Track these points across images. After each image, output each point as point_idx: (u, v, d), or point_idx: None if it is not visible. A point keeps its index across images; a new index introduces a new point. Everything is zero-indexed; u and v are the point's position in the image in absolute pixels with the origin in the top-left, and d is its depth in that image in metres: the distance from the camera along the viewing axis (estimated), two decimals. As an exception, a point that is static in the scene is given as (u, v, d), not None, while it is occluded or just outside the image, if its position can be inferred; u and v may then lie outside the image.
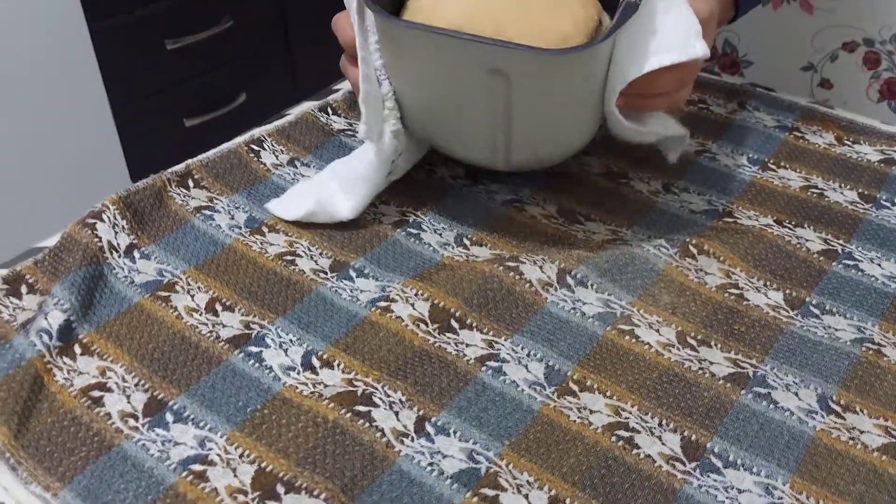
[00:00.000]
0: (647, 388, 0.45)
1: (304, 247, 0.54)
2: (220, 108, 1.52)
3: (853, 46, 0.79)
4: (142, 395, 0.43)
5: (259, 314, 0.49)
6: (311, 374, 0.45)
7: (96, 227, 0.51)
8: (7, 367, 0.43)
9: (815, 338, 0.49)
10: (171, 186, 0.57)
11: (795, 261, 0.54)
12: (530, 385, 0.45)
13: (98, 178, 1.36)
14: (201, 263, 0.52)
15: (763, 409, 0.44)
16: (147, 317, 0.48)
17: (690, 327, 0.49)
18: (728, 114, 0.69)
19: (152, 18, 1.34)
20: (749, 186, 0.61)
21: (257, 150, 0.62)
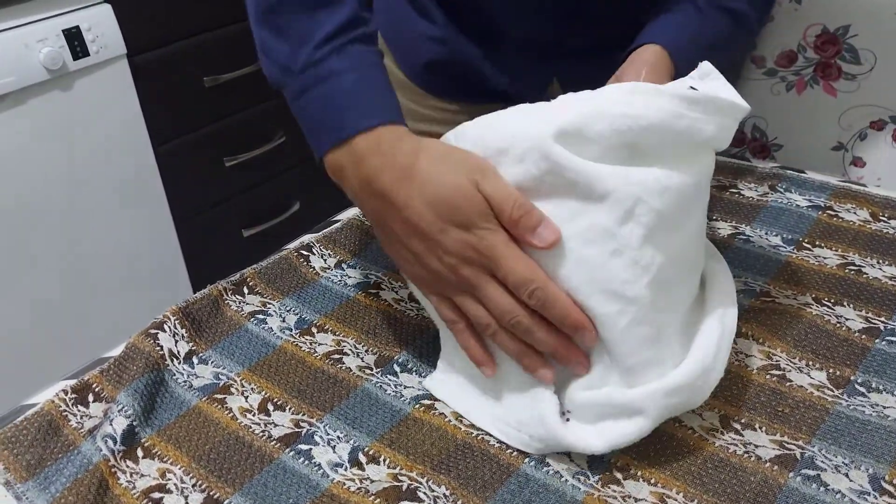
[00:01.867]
0: (692, 474, 0.45)
1: (350, 345, 0.56)
2: (275, 217, 1.60)
3: (881, 125, 0.80)
4: (198, 496, 0.45)
5: (308, 412, 0.51)
6: (357, 470, 0.46)
7: (158, 336, 0.55)
8: (76, 471, 0.46)
9: (864, 417, 0.48)
10: (227, 294, 0.61)
11: (837, 339, 0.54)
12: (574, 475, 0.45)
13: (162, 289, 1.43)
14: (254, 365, 0.55)
15: (813, 493, 0.43)
16: (204, 419, 0.50)
17: (734, 411, 0.49)
18: (760, 196, 0.70)
19: (211, 138, 1.44)
20: (785, 266, 0.62)
21: (307, 255, 0.65)
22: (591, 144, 0.45)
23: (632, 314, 0.45)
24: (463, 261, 0.46)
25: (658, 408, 0.45)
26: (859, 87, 0.81)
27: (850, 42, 0.81)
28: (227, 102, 1.44)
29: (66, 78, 1.18)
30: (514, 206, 0.44)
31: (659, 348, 0.46)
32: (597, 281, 0.45)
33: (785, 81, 0.86)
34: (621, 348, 0.45)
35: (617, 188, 0.44)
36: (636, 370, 0.45)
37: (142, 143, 1.32)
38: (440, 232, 0.46)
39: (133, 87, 1.28)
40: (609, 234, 0.44)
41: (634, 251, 0.44)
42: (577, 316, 0.45)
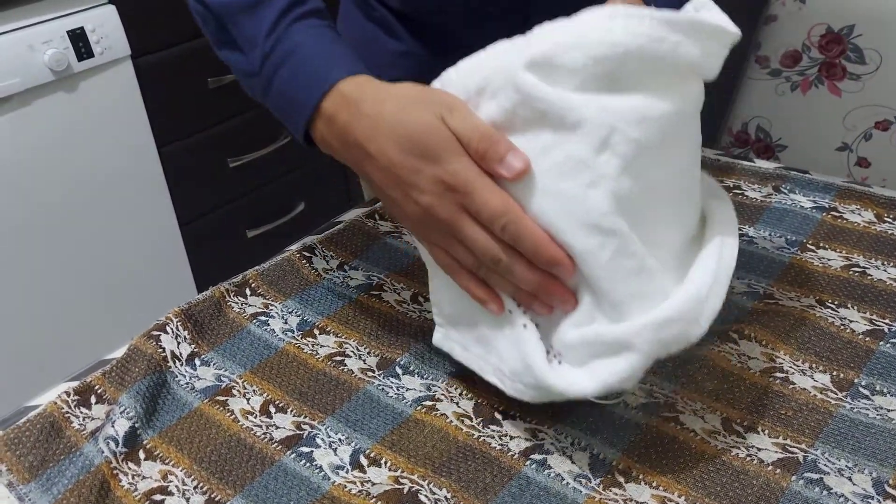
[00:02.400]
0: (693, 477, 0.45)
1: (352, 347, 0.56)
2: (279, 218, 1.60)
3: (886, 125, 0.80)
4: (200, 498, 0.45)
5: (309, 414, 0.51)
6: (358, 473, 0.46)
7: (160, 338, 0.55)
8: (78, 473, 0.46)
9: (867, 420, 0.48)
10: (230, 296, 0.61)
11: (840, 342, 0.54)
12: (575, 478, 0.45)
13: (166, 290, 1.44)
14: (256, 367, 0.55)
15: (816, 496, 0.43)
16: (206, 421, 0.50)
17: (736, 413, 0.49)
18: (763, 198, 0.70)
19: (215, 139, 1.44)
20: (789, 268, 0.61)
21: (309, 256, 0.65)
22: (568, 75, 0.43)
23: (614, 246, 0.43)
24: (438, 200, 0.45)
25: (648, 342, 0.43)
26: (864, 87, 0.81)
27: (855, 42, 0.80)
28: (231, 104, 1.45)
29: (71, 79, 1.19)
30: (481, 137, 0.44)
31: (645, 281, 0.44)
32: (574, 214, 0.43)
33: (789, 82, 0.85)
34: (606, 283, 0.43)
35: (590, 117, 0.42)
36: (623, 304, 0.43)
37: (146, 144, 1.33)
38: (414, 173, 0.45)
39: (137, 89, 1.28)
40: (584, 165, 0.43)
41: (612, 181, 0.42)
42: (552, 250, 0.43)
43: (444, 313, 0.52)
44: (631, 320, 0.43)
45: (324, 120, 0.49)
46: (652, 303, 0.44)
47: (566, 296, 0.45)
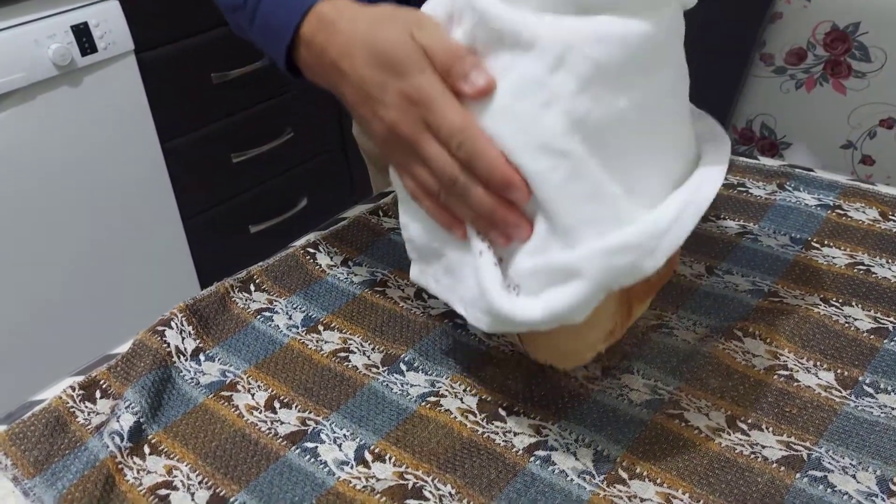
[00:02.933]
0: (698, 474, 0.45)
1: (356, 343, 0.56)
2: (282, 213, 1.60)
3: (891, 123, 0.80)
4: (205, 493, 0.45)
5: (314, 410, 0.51)
6: (363, 468, 0.46)
7: (165, 333, 0.55)
8: (83, 468, 0.46)
9: (872, 418, 0.48)
10: (234, 292, 0.61)
11: (845, 340, 0.54)
12: (579, 474, 0.45)
13: (169, 285, 1.44)
14: (261, 363, 0.55)
15: (820, 494, 0.43)
16: (211, 416, 0.51)
17: (740, 411, 0.49)
18: (768, 195, 0.70)
19: (218, 134, 1.44)
20: (793, 266, 0.61)
21: (313, 252, 0.65)
22: None
23: (566, 169, 0.41)
24: (402, 115, 0.44)
25: (597, 268, 0.41)
26: (869, 84, 0.81)
27: (860, 39, 0.80)
28: (234, 99, 1.45)
29: (75, 74, 1.19)
30: (446, 52, 0.43)
31: (601, 207, 0.42)
32: (528, 135, 0.42)
33: (794, 79, 0.85)
34: (557, 206, 0.42)
35: (545, 34, 0.41)
36: (575, 230, 0.42)
37: (149, 139, 1.33)
38: (381, 88, 0.45)
39: (141, 84, 1.28)
40: (539, 84, 0.41)
41: (567, 101, 0.41)
42: (505, 171, 0.42)
43: (415, 246, 0.51)
44: (582, 247, 0.42)
45: (304, 44, 0.50)
46: (607, 230, 0.42)
47: (521, 222, 0.44)
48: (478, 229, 0.46)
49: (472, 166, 0.43)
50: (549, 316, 0.42)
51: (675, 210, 0.42)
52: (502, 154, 0.42)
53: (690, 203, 0.43)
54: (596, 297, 0.42)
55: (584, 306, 0.42)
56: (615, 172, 0.42)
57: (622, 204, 0.42)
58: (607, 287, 0.42)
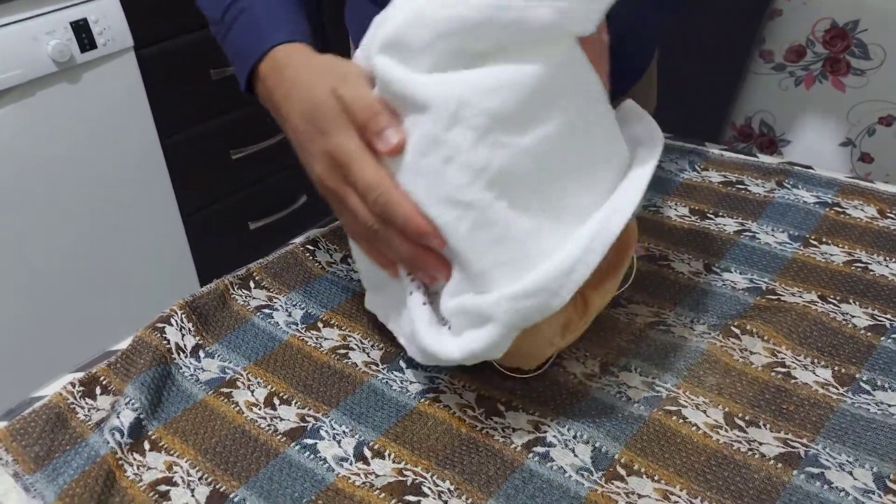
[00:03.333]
0: (695, 471, 0.45)
1: (356, 340, 0.57)
2: (282, 210, 1.60)
3: (889, 120, 0.80)
4: (205, 489, 0.46)
5: (314, 407, 0.51)
6: (362, 465, 0.47)
7: (165, 330, 0.55)
8: (83, 463, 0.46)
9: (868, 415, 0.48)
10: (234, 289, 0.61)
11: (842, 337, 0.54)
12: (577, 471, 0.46)
13: (169, 281, 1.44)
14: (261, 359, 0.55)
15: (817, 491, 0.43)
16: (210, 412, 0.51)
17: (738, 408, 0.49)
18: (767, 193, 0.70)
19: (218, 131, 1.44)
20: (791, 263, 0.61)
21: (312, 249, 0.66)
22: (419, 53, 0.44)
23: (471, 219, 0.44)
24: (327, 171, 0.47)
25: (506, 313, 0.44)
26: (868, 82, 0.81)
27: (859, 37, 0.80)
28: (234, 95, 1.44)
29: (74, 70, 1.19)
30: (363, 108, 0.45)
31: (508, 250, 0.44)
32: (434, 189, 0.44)
33: (793, 76, 0.85)
34: (466, 254, 0.44)
35: (436, 94, 0.43)
36: (485, 274, 0.44)
37: (148, 135, 1.33)
38: (309, 141, 0.48)
39: (140, 80, 1.28)
40: (438, 142, 0.43)
41: (465, 154, 0.43)
42: (418, 222, 0.44)
43: (365, 279, 0.54)
44: (494, 291, 0.44)
45: (260, 80, 0.53)
46: (518, 270, 0.44)
47: (440, 265, 0.46)
48: (407, 270, 0.49)
49: (389, 219, 0.46)
50: (466, 355, 0.46)
51: (580, 250, 0.44)
52: (415, 206, 0.45)
53: (597, 238, 0.44)
54: (509, 337, 0.45)
55: (498, 346, 0.45)
56: (529, 208, 0.45)
57: (533, 242, 0.45)
58: (519, 327, 0.45)
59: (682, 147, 0.78)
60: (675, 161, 0.76)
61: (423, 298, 0.48)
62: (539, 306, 0.44)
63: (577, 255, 0.44)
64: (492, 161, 0.43)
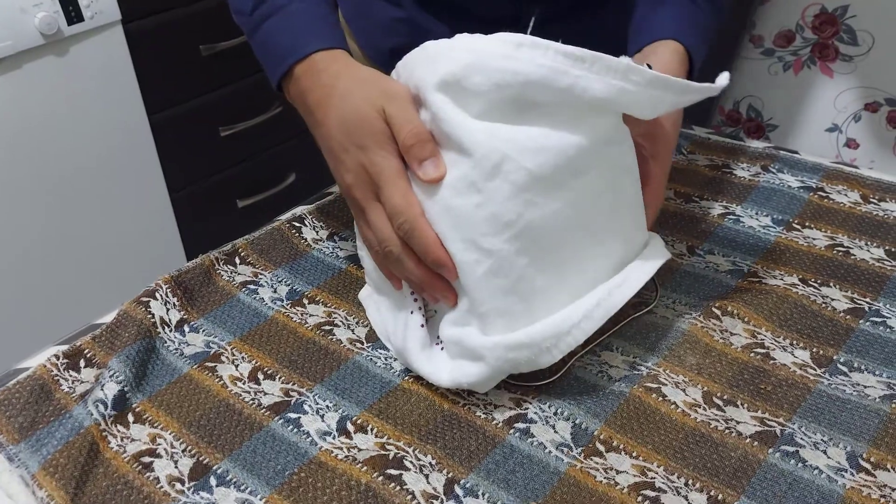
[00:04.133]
0: (673, 448, 0.46)
1: (341, 317, 0.57)
2: (270, 188, 1.59)
3: (876, 107, 0.80)
4: (188, 461, 0.46)
5: (298, 382, 0.51)
6: (345, 439, 0.47)
7: (150, 304, 0.55)
8: (67, 434, 0.47)
9: (844, 396, 0.49)
10: (219, 264, 0.61)
11: (822, 319, 0.54)
12: (557, 446, 0.46)
13: (156, 259, 1.43)
14: (245, 335, 0.55)
15: (791, 468, 0.44)
16: (195, 386, 0.51)
17: (717, 387, 0.50)
18: (752, 176, 0.71)
19: (206, 107, 1.43)
20: (774, 246, 0.62)
21: (299, 226, 0.66)
22: (473, 97, 0.45)
23: (488, 265, 0.46)
24: (357, 181, 0.49)
25: (497, 359, 0.47)
26: (856, 68, 0.81)
27: (849, 23, 0.80)
28: (223, 72, 1.43)
29: (61, 43, 1.17)
30: (411, 133, 0.46)
31: (513, 302, 0.47)
32: (460, 229, 0.46)
33: (782, 62, 0.86)
34: (476, 294, 0.47)
35: (483, 143, 0.45)
36: (488, 318, 0.47)
37: (136, 111, 1.31)
38: (343, 151, 0.49)
39: (128, 54, 1.27)
40: (475, 188, 0.45)
41: (497, 206, 0.45)
42: (438, 253, 0.46)
43: (369, 276, 0.56)
44: (492, 334, 0.47)
45: (293, 79, 0.54)
46: (519, 321, 0.47)
47: (448, 293, 0.48)
48: (412, 288, 0.51)
49: (410, 243, 0.47)
50: (453, 384, 0.48)
51: (580, 315, 0.47)
52: (437, 238, 0.47)
53: (599, 306, 0.47)
54: (496, 379, 0.48)
55: (485, 384, 0.48)
56: (545, 267, 0.47)
57: (541, 299, 0.47)
58: (507, 372, 0.48)
59: (670, 130, 0.78)
60: (662, 144, 0.76)
61: (422, 321, 0.51)
62: (528, 359, 0.47)
63: (574, 321, 0.47)
64: (521, 217, 0.45)
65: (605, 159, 0.48)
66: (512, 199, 0.45)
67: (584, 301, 0.48)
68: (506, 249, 0.46)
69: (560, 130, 0.45)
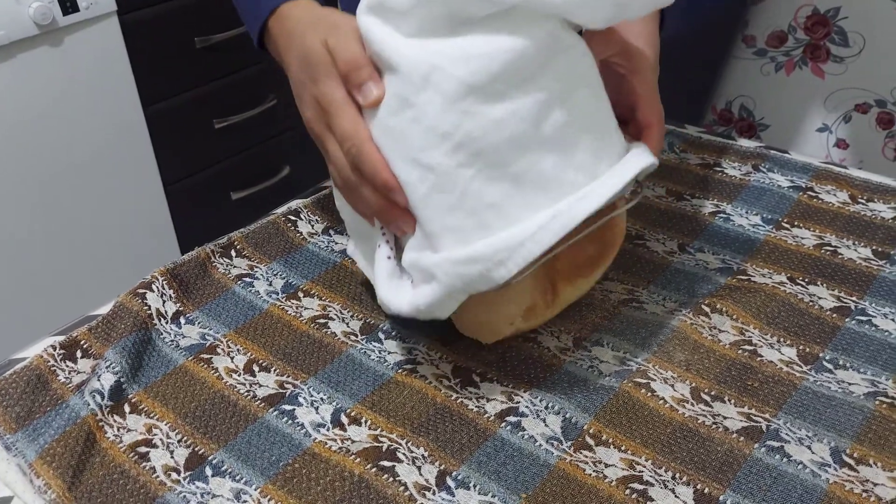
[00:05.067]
0: (661, 442, 0.47)
1: (336, 310, 0.57)
2: (264, 181, 1.60)
3: (866, 108, 0.81)
4: (184, 451, 0.47)
5: (293, 374, 0.52)
6: (339, 431, 0.48)
7: (146, 296, 0.56)
8: (64, 424, 0.47)
9: (829, 392, 0.50)
10: (215, 257, 0.61)
11: (808, 318, 0.55)
12: (548, 440, 0.47)
13: (149, 250, 1.44)
14: (241, 327, 0.56)
15: (776, 463, 0.45)
16: (190, 377, 0.52)
17: (704, 383, 0.51)
18: (743, 176, 0.72)
19: (201, 100, 1.43)
20: (763, 245, 0.63)
21: (294, 220, 0.66)
22: (404, 17, 0.45)
23: (431, 181, 0.45)
24: (314, 116, 0.49)
25: (447, 274, 0.45)
26: (847, 69, 0.82)
27: (840, 24, 0.81)
28: (217, 64, 1.43)
29: (56, 34, 1.17)
30: (347, 60, 0.47)
31: (461, 217, 0.45)
32: (400, 148, 0.46)
33: (774, 62, 0.86)
34: (423, 213, 0.46)
35: (410, 56, 0.45)
36: (438, 236, 0.46)
37: (131, 102, 1.31)
38: (301, 86, 0.50)
39: (123, 46, 1.27)
40: (407, 104, 0.45)
41: (431, 118, 0.44)
42: (384, 175, 0.46)
43: (348, 225, 0.56)
44: (442, 252, 0.46)
45: (269, 36, 0.55)
46: (468, 238, 0.45)
47: (405, 217, 0.47)
48: (378, 220, 0.50)
49: (360, 169, 0.47)
50: (413, 310, 0.47)
51: (536, 225, 0.44)
52: (385, 161, 0.46)
53: (556, 219, 0.45)
54: (453, 299, 0.47)
55: (442, 306, 0.47)
56: (496, 181, 0.45)
57: (494, 213, 0.45)
58: (462, 291, 0.46)
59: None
60: (655, 142, 0.77)
61: (388, 252, 0.50)
62: (481, 274, 0.45)
63: (530, 232, 0.44)
64: (458, 128, 0.44)
65: (551, 68, 0.46)
66: (446, 110, 0.44)
67: (541, 214, 0.45)
68: (446, 163, 0.44)
69: (495, 39, 0.44)
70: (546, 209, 0.45)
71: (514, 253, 0.44)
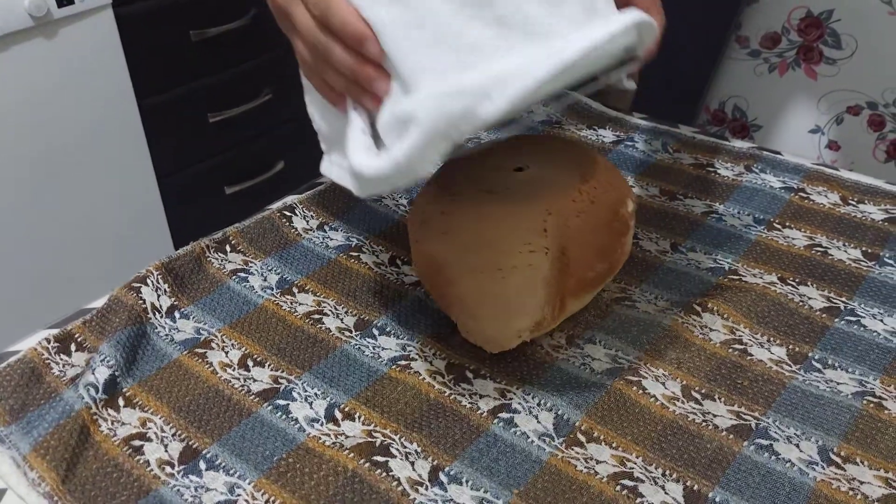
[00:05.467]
0: (651, 439, 0.47)
1: (330, 306, 0.58)
2: (258, 175, 1.59)
3: (857, 110, 0.82)
4: (178, 445, 0.47)
5: (287, 369, 0.52)
6: (333, 426, 0.48)
7: (141, 290, 0.56)
8: (58, 417, 0.47)
9: (817, 391, 0.50)
10: (210, 252, 0.61)
11: (798, 317, 0.56)
12: (540, 436, 0.48)
13: (144, 244, 1.43)
14: (235, 322, 0.56)
15: (765, 461, 0.46)
16: (185, 372, 0.52)
17: (695, 381, 0.51)
18: (735, 176, 0.72)
19: (195, 93, 1.43)
20: (754, 245, 0.64)
21: (289, 215, 0.66)
22: None
23: (407, 18, 0.41)
24: None
25: (430, 111, 0.40)
26: (839, 71, 0.83)
27: (833, 27, 0.82)
28: (213, 58, 1.43)
29: (51, 26, 1.17)
30: None
31: (441, 52, 0.41)
32: None
33: (767, 63, 0.87)
34: (398, 54, 0.42)
35: None
36: (415, 76, 0.42)
37: (126, 96, 1.31)
38: None
39: (118, 38, 1.26)
40: None
41: None
42: (356, 24, 0.43)
43: (321, 134, 0.52)
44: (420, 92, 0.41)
45: None
46: (448, 74, 0.41)
47: (379, 74, 0.44)
48: (351, 97, 0.46)
49: (328, 23, 0.44)
50: (392, 167, 0.42)
51: (527, 59, 0.40)
52: (355, 11, 0.43)
53: (552, 55, 0.40)
54: (434, 145, 0.41)
55: (421, 154, 0.41)
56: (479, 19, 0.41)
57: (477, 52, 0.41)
58: (444, 133, 0.41)
59: (656, 128, 0.79)
60: (648, 142, 0.77)
61: (362, 125, 0.45)
62: (466, 109, 0.40)
63: (519, 65, 0.40)
64: None
65: None
66: None
67: (532, 50, 0.41)
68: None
69: None
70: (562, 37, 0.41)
71: (507, 84, 0.40)
